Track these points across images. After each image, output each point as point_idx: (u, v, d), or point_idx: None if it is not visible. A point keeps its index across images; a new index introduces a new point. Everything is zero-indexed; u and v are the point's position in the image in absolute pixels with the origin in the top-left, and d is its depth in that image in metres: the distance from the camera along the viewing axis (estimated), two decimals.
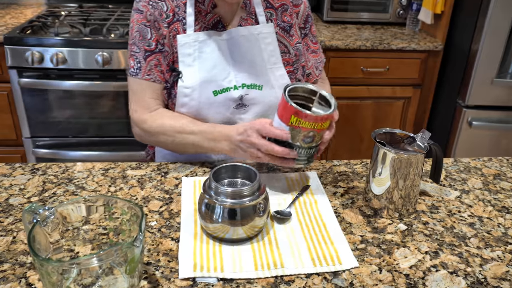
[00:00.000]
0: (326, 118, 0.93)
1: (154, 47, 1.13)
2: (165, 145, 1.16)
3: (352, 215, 0.95)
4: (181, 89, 1.13)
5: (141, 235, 0.70)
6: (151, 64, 1.14)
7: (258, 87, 1.16)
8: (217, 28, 1.15)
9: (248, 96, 1.16)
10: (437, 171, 0.98)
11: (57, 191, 1.01)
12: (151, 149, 1.34)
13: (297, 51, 1.22)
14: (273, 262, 0.81)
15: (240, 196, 0.83)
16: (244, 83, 1.15)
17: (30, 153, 2.23)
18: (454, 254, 0.85)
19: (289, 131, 0.93)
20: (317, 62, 1.30)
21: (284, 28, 1.20)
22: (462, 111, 2.23)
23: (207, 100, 1.13)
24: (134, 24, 1.14)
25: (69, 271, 0.72)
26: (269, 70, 1.17)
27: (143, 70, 1.14)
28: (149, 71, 1.14)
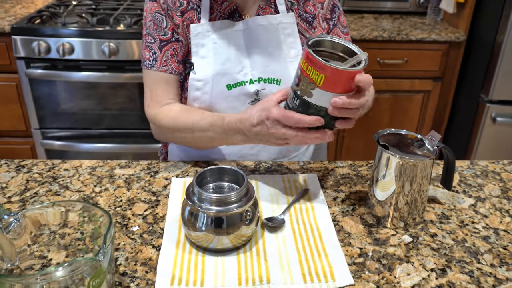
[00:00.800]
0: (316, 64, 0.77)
1: (170, 36, 1.06)
2: (181, 140, 1.10)
3: (352, 224, 0.87)
4: (192, 82, 1.06)
5: (105, 248, 0.63)
6: (167, 54, 1.06)
7: (276, 82, 1.07)
8: (234, 17, 1.07)
9: (264, 91, 1.07)
10: (448, 177, 0.88)
11: (40, 190, 0.95)
12: (164, 148, 1.27)
13: None
14: (259, 276, 0.74)
15: (225, 203, 0.76)
16: (260, 77, 1.06)
17: (39, 145, 2.21)
18: (463, 272, 0.75)
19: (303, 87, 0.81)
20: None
21: (306, 19, 1.10)
22: (485, 107, 2.10)
23: (220, 94, 1.05)
24: (148, 13, 1.07)
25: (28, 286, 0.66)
26: (289, 63, 1.08)
27: (159, 61, 1.07)
28: (165, 61, 1.07)
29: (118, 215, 0.88)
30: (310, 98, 0.80)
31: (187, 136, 1.03)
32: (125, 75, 2.04)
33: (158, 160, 1.08)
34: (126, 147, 2.21)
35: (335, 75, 0.77)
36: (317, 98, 0.80)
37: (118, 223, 0.86)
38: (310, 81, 0.79)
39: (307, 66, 0.79)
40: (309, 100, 0.81)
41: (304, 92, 0.81)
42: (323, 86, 0.78)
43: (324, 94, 0.79)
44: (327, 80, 0.78)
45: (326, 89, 0.79)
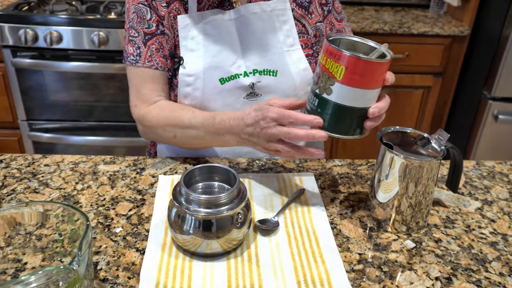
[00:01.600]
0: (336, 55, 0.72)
1: (154, 29, 0.99)
2: (169, 141, 1.02)
3: (350, 227, 0.81)
4: (182, 78, 0.99)
5: (81, 255, 0.57)
6: (152, 48, 0.99)
7: (272, 73, 1.01)
8: (224, 6, 1.00)
9: (260, 83, 1.01)
10: (455, 178, 0.82)
11: (18, 187, 0.89)
12: (152, 148, 1.21)
13: (317, 31, 1.05)
14: (251, 283, 0.68)
15: (215, 204, 0.70)
16: (255, 69, 1.00)
17: (26, 137, 2.15)
18: (470, 281, 0.70)
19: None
20: None
21: (301, 4, 1.03)
22: (488, 103, 2.05)
23: (213, 90, 0.99)
24: (131, 5, 1.00)
25: None
26: (286, 53, 1.01)
27: (143, 56, 1.00)
28: (150, 57, 1.00)
29: (101, 215, 0.82)
30: (329, 95, 0.74)
31: (176, 136, 0.97)
32: (115, 65, 1.97)
33: (145, 157, 1.02)
34: (117, 140, 2.15)
35: (357, 66, 0.71)
36: (337, 94, 0.74)
37: (100, 224, 0.80)
38: (330, 76, 0.73)
39: (326, 60, 0.74)
40: (328, 97, 0.75)
41: (323, 90, 0.75)
42: (343, 79, 0.72)
43: (344, 89, 0.73)
44: (348, 72, 0.71)
45: (346, 83, 0.72)
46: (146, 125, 1.01)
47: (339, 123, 0.76)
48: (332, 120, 0.76)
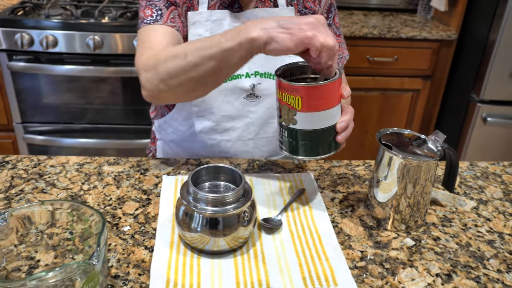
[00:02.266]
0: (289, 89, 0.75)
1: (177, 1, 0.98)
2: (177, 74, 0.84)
3: (351, 226, 0.84)
4: None
5: (99, 250, 0.59)
6: (175, 13, 0.98)
7: (273, 77, 1.03)
8: (233, 8, 1.02)
9: (260, 85, 1.03)
10: (451, 178, 0.86)
11: (25, 188, 0.90)
12: (152, 145, 1.22)
13: None
14: (258, 280, 0.70)
15: (222, 203, 0.73)
16: (257, 71, 1.02)
17: (21, 139, 2.14)
18: (470, 278, 0.73)
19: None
20: (338, 57, 1.14)
21: (305, 15, 1.05)
22: (476, 106, 2.09)
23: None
24: None
25: None
26: (287, 58, 1.03)
27: (165, 16, 0.95)
28: (173, 19, 0.97)
29: (108, 214, 0.84)
30: (295, 125, 0.78)
31: (187, 56, 0.83)
32: (109, 69, 1.98)
33: (148, 157, 1.04)
34: (109, 143, 2.15)
35: (310, 93, 0.76)
36: (303, 122, 0.78)
37: (109, 223, 0.82)
38: (290, 108, 0.77)
39: (282, 94, 0.78)
40: (295, 127, 0.79)
41: (288, 122, 0.79)
42: (303, 108, 0.76)
43: (307, 116, 0.77)
44: (304, 100, 0.76)
45: (307, 110, 0.76)
46: (150, 64, 0.87)
47: (313, 146, 0.80)
48: (305, 145, 0.80)
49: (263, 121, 1.07)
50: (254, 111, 1.06)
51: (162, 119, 1.14)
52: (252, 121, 1.06)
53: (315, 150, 0.80)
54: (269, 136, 1.09)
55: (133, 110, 2.10)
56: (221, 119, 1.06)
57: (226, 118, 1.06)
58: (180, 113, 1.08)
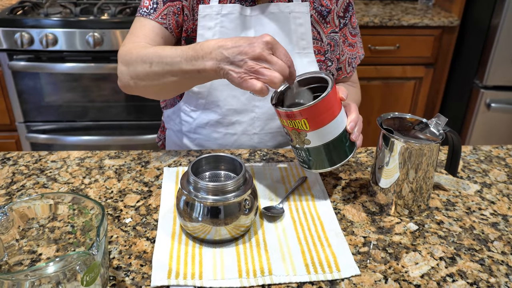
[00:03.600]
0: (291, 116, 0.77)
1: None
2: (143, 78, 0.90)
3: (354, 212, 0.83)
4: None
5: (99, 241, 0.59)
6: (170, 9, 0.99)
7: None
8: (245, 2, 1.02)
9: None
10: (453, 162, 0.85)
11: (27, 183, 0.90)
12: (162, 134, 1.23)
13: (331, 40, 1.07)
14: (260, 268, 0.70)
15: (223, 191, 0.72)
16: None
17: (24, 139, 2.15)
18: (474, 260, 0.73)
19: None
20: (352, 57, 1.13)
21: (321, 12, 1.05)
22: (480, 92, 2.08)
23: (221, 81, 1.01)
24: None
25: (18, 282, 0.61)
26: (297, 54, 1.03)
27: (158, 11, 0.99)
28: (165, 15, 0.99)
29: (110, 207, 0.84)
30: (310, 144, 0.80)
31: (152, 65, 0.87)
32: (110, 65, 1.98)
33: (149, 151, 1.03)
34: (112, 139, 2.15)
35: (313, 112, 0.76)
36: (316, 139, 0.79)
37: (110, 215, 0.82)
38: (299, 132, 0.78)
39: (287, 121, 0.79)
40: (311, 146, 0.80)
41: (302, 143, 0.80)
42: (311, 127, 0.77)
43: (317, 133, 0.78)
44: (310, 120, 0.77)
45: (316, 128, 0.77)
46: (125, 59, 0.92)
47: (333, 155, 0.81)
48: (327, 157, 0.81)
49: (268, 116, 1.06)
50: (260, 106, 1.05)
51: (171, 109, 1.14)
52: (258, 115, 1.06)
53: (336, 159, 0.82)
54: (274, 131, 1.09)
55: (135, 106, 2.10)
56: (227, 112, 1.05)
57: (231, 112, 1.05)
58: (187, 105, 1.08)
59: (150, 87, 0.92)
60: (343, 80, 1.16)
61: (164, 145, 1.25)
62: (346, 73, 1.14)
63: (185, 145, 1.14)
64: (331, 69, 1.08)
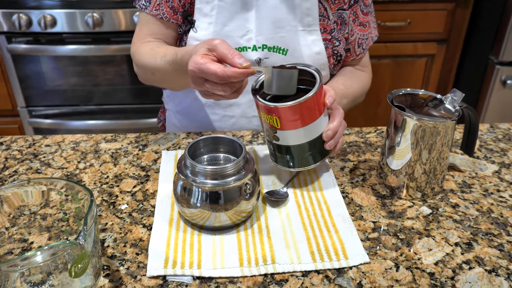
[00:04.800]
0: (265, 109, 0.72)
1: None
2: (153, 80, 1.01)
3: (363, 196, 0.78)
4: (191, 41, 0.96)
5: (87, 229, 0.55)
6: None
7: (282, 51, 0.96)
8: None
9: (268, 60, 0.96)
10: (470, 141, 0.79)
11: (19, 168, 0.87)
12: (162, 114, 1.20)
13: (338, 18, 0.99)
14: (263, 256, 0.66)
15: (222, 175, 0.67)
16: (265, 44, 0.95)
17: (27, 124, 2.12)
18: (492, 246, 0.67)
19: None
20: (362, 38, 1.05)
21: None
22: (495, 69, 1.99)
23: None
24: None
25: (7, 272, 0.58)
26: (300, 32, 0.96)
27: (152, 3, 0.98)
28: (158, 5, 0.97)
29: (105, 193, 0.80)
30: (278, 141, 0.75)
31: (155, 74, 0.96)
32: (111, 47, 1.93)
33: (148, 132, 0.99)
34: (117, 123, 2.12)
35: (287, 113, 0.71)
36: (284, 139, 0.74)
37: (105, 201, 0.78)
38: (270, 126, 0.74)
39: (260, 113, 0.74)
40: (279, 143, 0.75)
41: (271, 138, 0.76)
42: (282, 127, 0.72)
43: (287, 134, 0.73)
44: (282, 120, 0.71)
45: (286, 129, 0.72)
46: (136, 62, 1.01)
47: (301, 158, 0.76)
48: (293, 158, 0.77)
49: None
50: None
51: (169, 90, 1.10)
52: None
53: (303, 162, 0.77)
54: None
55: (139, 89, 2.06)
56: None
57: None
58: None
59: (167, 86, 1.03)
60: (352, 63, 1.08)
61: (164, 126, 1.21)
62: (355, 55, 1.06)
63: (184, 127, 1.09)
64: (338, 49, 1.00)
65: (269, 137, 0.76)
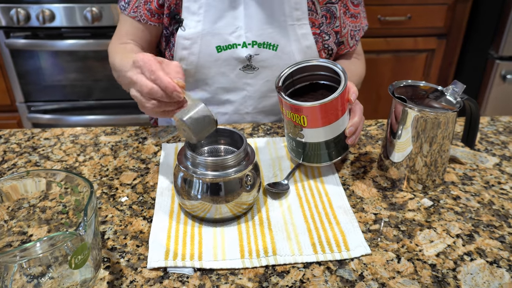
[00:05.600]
0: (292, 108, 0.73)
1: None
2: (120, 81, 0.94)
3: (364, 188, 0.78)
4: (180, 40, 0.95)
5: (87, 220, 0.54)
6: (140, 1, 0.97)
7: (273, 47, 0.96)
8: None
9: (258, 56, 0.96)
10: (471, 133, 0.79)
11: (18, 161, 0.86)
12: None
13: (327, 12, 0.99)
14: (264, 248, 0.65)
15: (223, 167, 0.67)
16: (255, 41, 0.95)
17: (26, 119, 2.11)
18: (493, 238, 0.67)
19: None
20: (355, 30, 1.05)
21: None
22: (495, 64, 1.99)
23: (208, 57, 0.95)
24: None
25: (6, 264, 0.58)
26: (290, 27, 0.95)
27: (131, 5, 0.98)
28: (136, 8, 0.98)
29: (105, 185, 0.79)
30: (303, 138, 0.76)
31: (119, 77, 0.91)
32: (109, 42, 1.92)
33: (147, 126, 0.98)
34: (116, 118, 2.11)
35: (315, 112, 0.72)
36: (309, 136, 0.75)
37: (105, 194, 0.77)
38: (295, 124, 0.75)
39: (285, 111, 0.75)
40: (302, 140, 0.76)
41: (295, 135, 0.77)
42: (308, 125, 0.73)
43: (313, 131, 0.74)
44: (309, 119, 0.73)
45: (313, 127, 0.74)
46: (109, 60, 1.00)
47: (322, 154, 0.78)
48: (315, 154, 0.78)
49: (261, 94, 1.00)
50: (252, 84, 0.99)
51: None
52: (250, 94, 1.00)
53: (324, 157, 0.79)
54: (267, 110, 1.03)
55: None
56: (216, 91, 1.00)
57: (221, 90, 1.00)
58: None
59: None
60: (346, 55, 1.09)
61: (156, 123, 1.20)
62: (349, 47, 1.06)
63: None
64: (328, 43, 1.00)
65: (293, 135, 0.77)
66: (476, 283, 0.59)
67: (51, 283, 0.60)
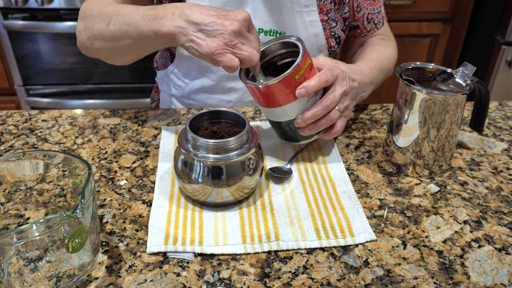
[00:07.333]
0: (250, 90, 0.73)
1: None
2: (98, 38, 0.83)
3: (368, 173, 0.76)
4: None
5: (84, 203, 0.53)
6: None
7: (279, 35, 0.93)
8: None
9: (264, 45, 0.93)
10: (479, 117, 0.77)
11: (15, 143, 0.84)
12: (156, 94, 1.15)
13: None
14: (266, 233, 0.64)
15: (224, 149, 0.65)
16: (261, 28, 0.92)
17: (24, 103, 2.09)
18: (502, 224, 0.66)
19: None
20: (372, 13, 1.00)
21: None
22: (501, 49, 1.96)
23: None
24: None
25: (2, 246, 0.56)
26: (297, 13, 0.92)
27: None
28: None
29: (103, 168, 0.77)
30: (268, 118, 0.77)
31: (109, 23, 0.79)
32: None
33: (147, 108, 0.96)
34: (116, 103, 2.09)
35: (255, 92, 0.72)
36: (263, 112, 0.77)
37: (103, 177, 0.75)
38: (257, 102, 0.75)
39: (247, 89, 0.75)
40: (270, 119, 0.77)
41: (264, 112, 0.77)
42: (256, 101, 0.74)
43: (263, 109, 0.75)
44: (254, 96, 0.73)
45: (259, 104, 0.74)
46: (84, 15, 0.86)
47: (283, 133, 0.78)
48: (277, 131, 0.79)
49: None
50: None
51: (163, 71, 1.06)
52: None
53: (287, 137, 0.78)
54: None
55: (138, 69, 2.02)
56: (221, 78, 0.97)
57: (225, 78, 0.97)
58: (179, 68, 1.00)
59: (104, 50, 0.84)
60: (365, 39, 1.04)
61: (158, 107, 1.17)
62: (366, 31, 1.02)
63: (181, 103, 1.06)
64: (335, 30, 0.97)
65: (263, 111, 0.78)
66: (485, 270, 0.58)
67: (48, 267, 0.59)
